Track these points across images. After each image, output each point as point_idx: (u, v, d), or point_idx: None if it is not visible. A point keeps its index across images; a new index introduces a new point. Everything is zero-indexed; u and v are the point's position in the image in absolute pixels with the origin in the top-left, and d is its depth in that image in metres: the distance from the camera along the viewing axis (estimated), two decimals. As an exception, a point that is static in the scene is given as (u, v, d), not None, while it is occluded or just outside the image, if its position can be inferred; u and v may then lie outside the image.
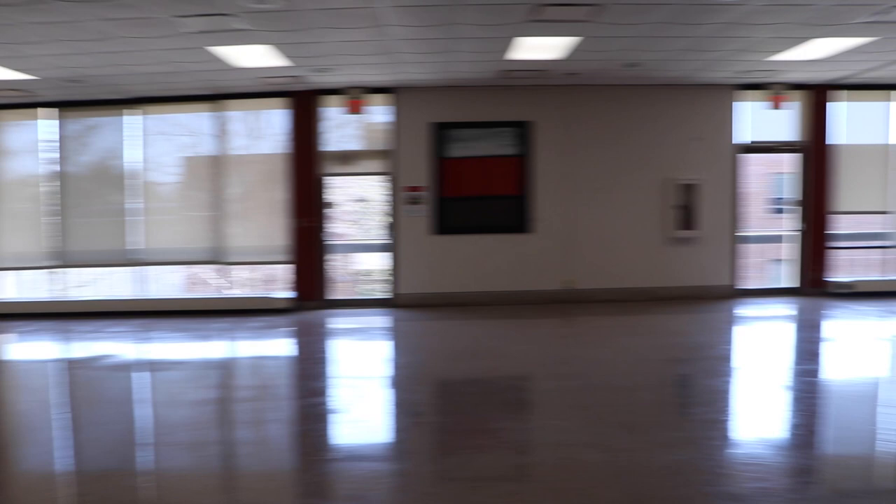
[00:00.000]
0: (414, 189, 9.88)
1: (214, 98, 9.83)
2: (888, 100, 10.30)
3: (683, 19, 6.48)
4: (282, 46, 7.25)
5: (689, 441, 4.46)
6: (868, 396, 5.80)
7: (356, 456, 4.52)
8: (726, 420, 5.13)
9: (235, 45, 7.14)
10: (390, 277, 10.13)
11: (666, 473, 3.95)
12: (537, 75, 8.98)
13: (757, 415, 5.23)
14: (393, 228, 10.00)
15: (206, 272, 13.10)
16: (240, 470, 4.42)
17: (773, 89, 9.75)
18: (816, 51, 7.73)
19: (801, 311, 9.36)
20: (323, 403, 5.65)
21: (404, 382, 6.42)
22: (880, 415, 5.28)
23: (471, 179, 9.85)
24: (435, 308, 9.71)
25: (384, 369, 7.02)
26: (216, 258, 10.09)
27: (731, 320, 9.09)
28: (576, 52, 7.70)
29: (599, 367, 6.53)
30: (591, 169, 9.96)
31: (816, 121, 10.12)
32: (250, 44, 7.06)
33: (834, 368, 6.78)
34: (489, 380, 6.31)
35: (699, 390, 6.02)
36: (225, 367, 7.49)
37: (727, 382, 6.14)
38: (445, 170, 9.84)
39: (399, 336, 8.72)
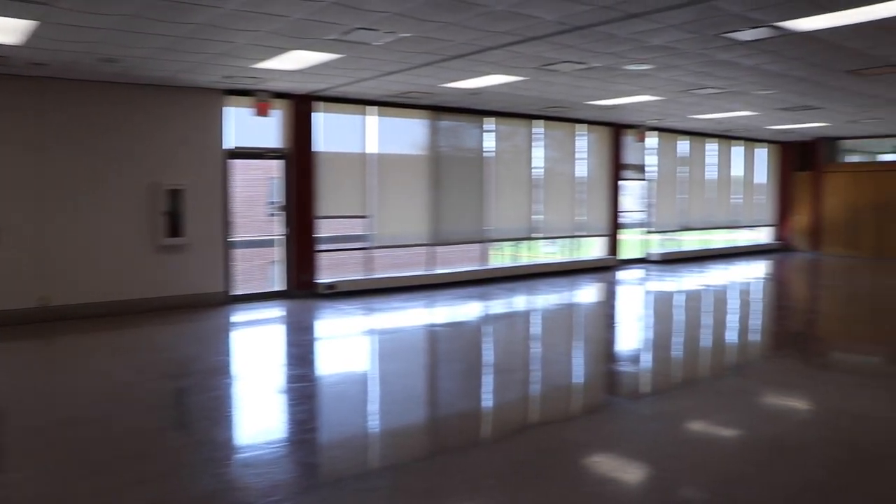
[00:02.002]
0: None
1: None
2: (364, 113, 11.45)
3: (155, 15, 6.38)
4: None
5: (163, 474, 4.34)
6: (357, 389, 6.69)
7: None
8: (219, 438, 5.21)
9: None
10: None
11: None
12: (-6, 60, 8.00)
13: (253, 424, 5.65)
14: None
15: None
16: None
17: (259, 96, 10.16)
18: (296, 62, 8.26)
19: (291, 314, 10.02)
20: None
21: None
22: (369, 404, 6.20)
23: None
24: None
25: None
26: None
27: (223, 328, 9.37)
28: (37, 38, 7.01)
29: (71, 396, 6.09)
30: (68, 171, 9.31)
31: (300, 129, 10.91)
32: None
33: (324, 366, 7.40)
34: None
35: (189, 409, 6.04)
36: None
37: (219, 396, 6.25)
38: None
39: None
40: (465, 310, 10.80)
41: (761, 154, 20.20)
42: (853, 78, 9.60)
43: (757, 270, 16.32)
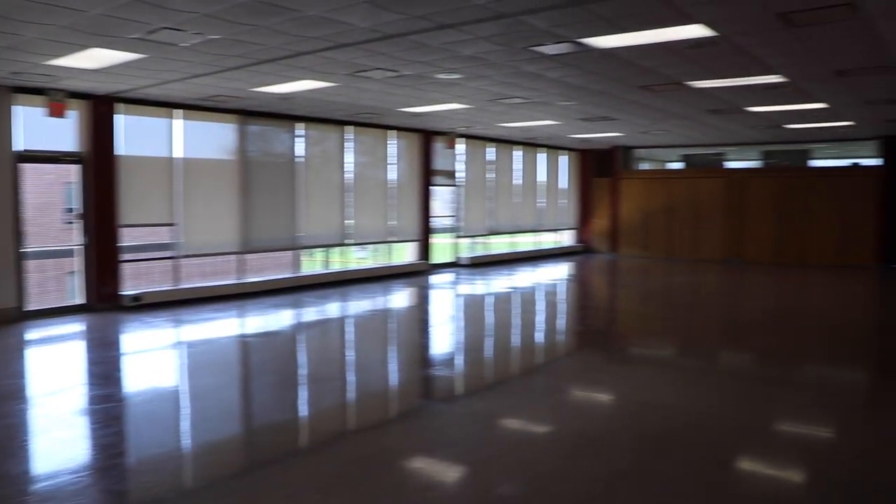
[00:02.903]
0: None
1: None
2: (170, 116, 11.18)
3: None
4: None
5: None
6: (168, 407, 6.55)
7: None
8: (12, 471, 4.79)
9: None
10: None
11: None
12: None
13: (53, 453, 5.22)
14: None
15: None
16: None
17: (52, 95, 9.69)
18: (95, 60, 8.05)
19: (93, 329, 9.78)
20: None
21: None
22: (181, 421, 6.11)
23: None
24: None
25: None
26: None
27: (16, 347, 9.04)
28: None
29: None
30: None
31: (99, 132, 10.62)
32: None
33: (130, 384, 7.18)
34: None
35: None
36: None
37: (11, 424, 5.82)
38: None
39: None
40: (277, 319, 10.87)
41: (564, 161, 21.66)
42: (644, 93, 10.62)
43: (561, 272, 17.58)
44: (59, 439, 5.45)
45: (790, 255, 18.72)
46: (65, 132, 10.53)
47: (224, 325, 10.23)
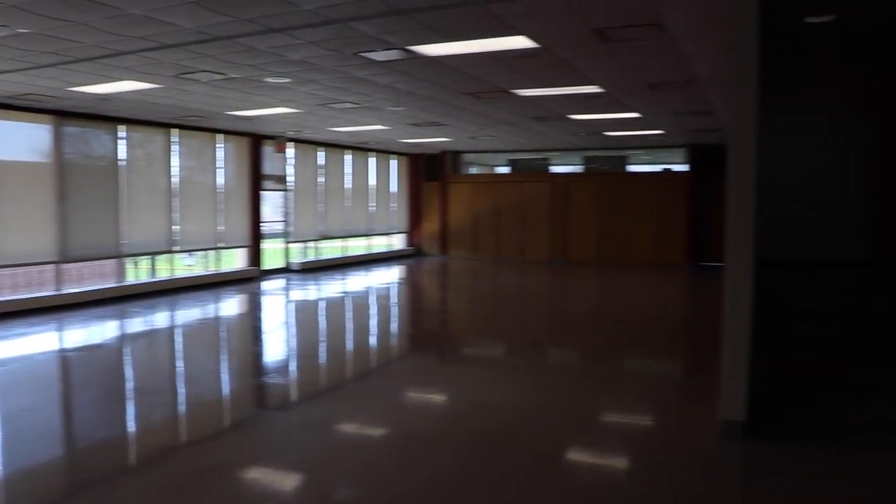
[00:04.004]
0: None
1: None
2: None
3: None
4: None
5: None
6: None
7: None
8: None
9: None
10: None
11: None
12: None
13: None
14: None
15: None
16: None
17: None
18: None
19: None
20: None
21: None
22: None
23: None
24: None
25: None
26: None
27: None
28: None
29: None
30: None
31: None
32: None
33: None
34: None
35: None
36: None
37: None
38: None
39: None
40: (101, 331, 10.34)
41: (394, 165, 21.84)
42: (472, 100, 10.96)
43: (393, 275, 17.78)
44: None
45: (612, 255, 19.83)
46: None
47: (41, 340, 9.58)
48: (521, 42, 7.28)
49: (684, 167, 19.36)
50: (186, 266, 17.49)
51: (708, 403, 5.80)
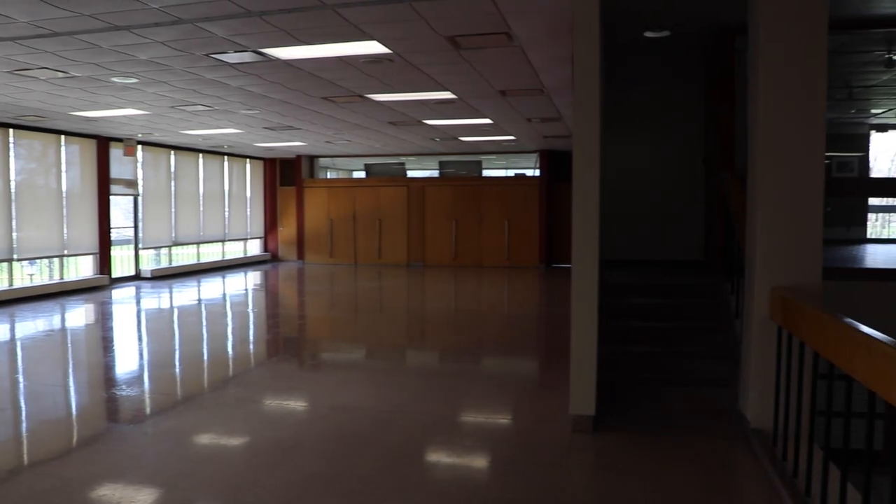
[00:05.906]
0: None
1: None
2: None
3: None
4: None
5: None
6: None
7: None
8: None
9: None
10: None
11: None
12: None
13: None
14: None
15: None
16: None
17: None
18: None
19: None
20: None
21: None
22: None
23: None
24: None
25: None
26: None
27: None
28: None
29: None
30: None
31: None
32: None
33: None
34: None
35: None
36: None
37: None
38: None
39: None
40: (-69, 344, 9.51)
41: (250, 169, 21.29)
42: (327, 104, 10.87)
43: (249, 281, 17.41)
44: None
45: (468, 257, 20.21)
46: None
47: None
48: (373, 47, 7.32)
49: (537, 172, 20.01)
50: (28, 275, 16.40)
51: (562, 398, 5.99)
